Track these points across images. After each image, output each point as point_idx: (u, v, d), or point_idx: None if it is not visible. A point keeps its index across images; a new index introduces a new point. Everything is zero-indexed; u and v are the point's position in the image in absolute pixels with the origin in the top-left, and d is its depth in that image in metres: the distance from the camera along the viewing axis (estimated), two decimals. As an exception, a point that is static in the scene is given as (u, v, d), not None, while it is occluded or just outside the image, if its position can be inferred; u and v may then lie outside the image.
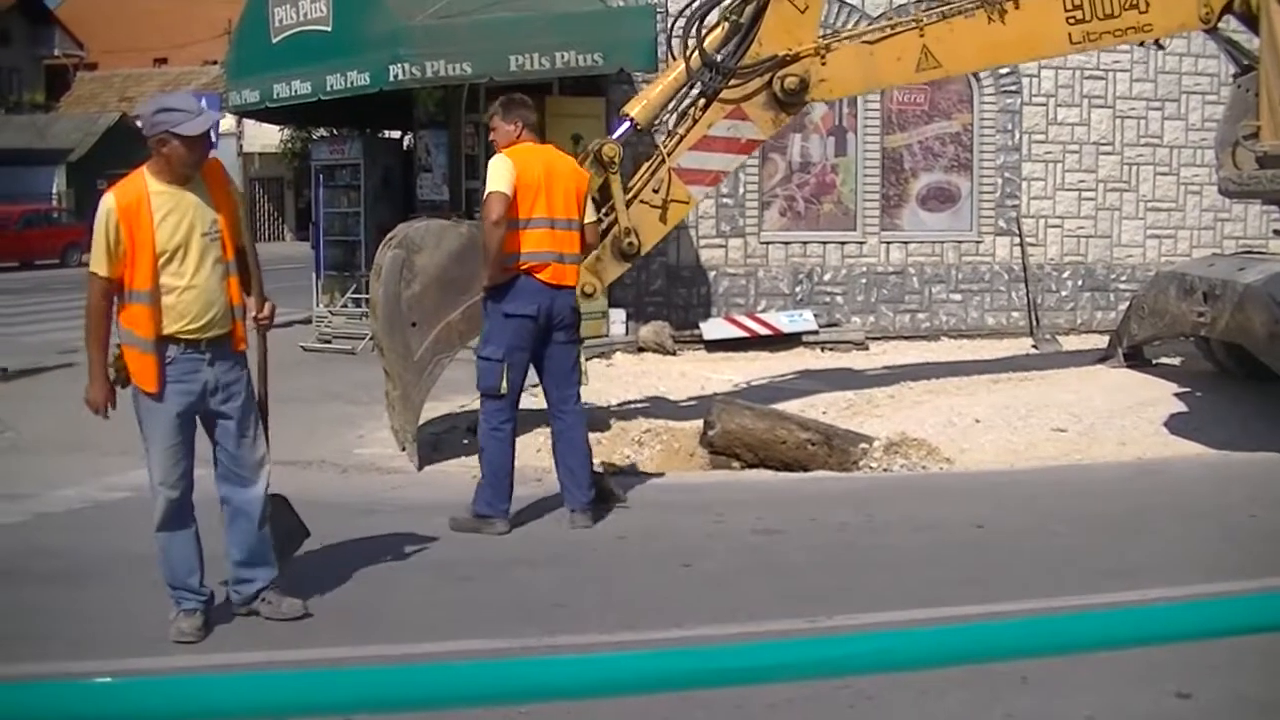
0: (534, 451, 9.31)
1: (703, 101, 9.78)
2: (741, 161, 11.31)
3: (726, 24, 9.79)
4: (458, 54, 13.38)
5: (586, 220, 7.74)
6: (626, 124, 9.72)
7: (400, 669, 1.96)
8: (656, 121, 9.94)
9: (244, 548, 5.91)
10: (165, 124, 5.54)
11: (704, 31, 9.70)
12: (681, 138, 9.74)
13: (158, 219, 5.56)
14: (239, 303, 5.85)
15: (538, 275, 7.43)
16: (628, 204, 9.53)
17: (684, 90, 9.87)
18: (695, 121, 9.74)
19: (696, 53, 9.60)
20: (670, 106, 9.91)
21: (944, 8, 9.89)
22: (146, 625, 5.73)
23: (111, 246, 5.54)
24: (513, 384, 7.50)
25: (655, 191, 9.65)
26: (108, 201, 5.58)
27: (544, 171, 7.47)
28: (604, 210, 9.40)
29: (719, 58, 9.63)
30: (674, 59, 10.03)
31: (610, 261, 9.67)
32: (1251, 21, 10.14)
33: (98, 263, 5.59)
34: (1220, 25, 10.47)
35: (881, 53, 9.85)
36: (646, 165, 9.81)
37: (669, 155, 9.68)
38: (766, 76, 9.60)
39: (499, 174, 7.32)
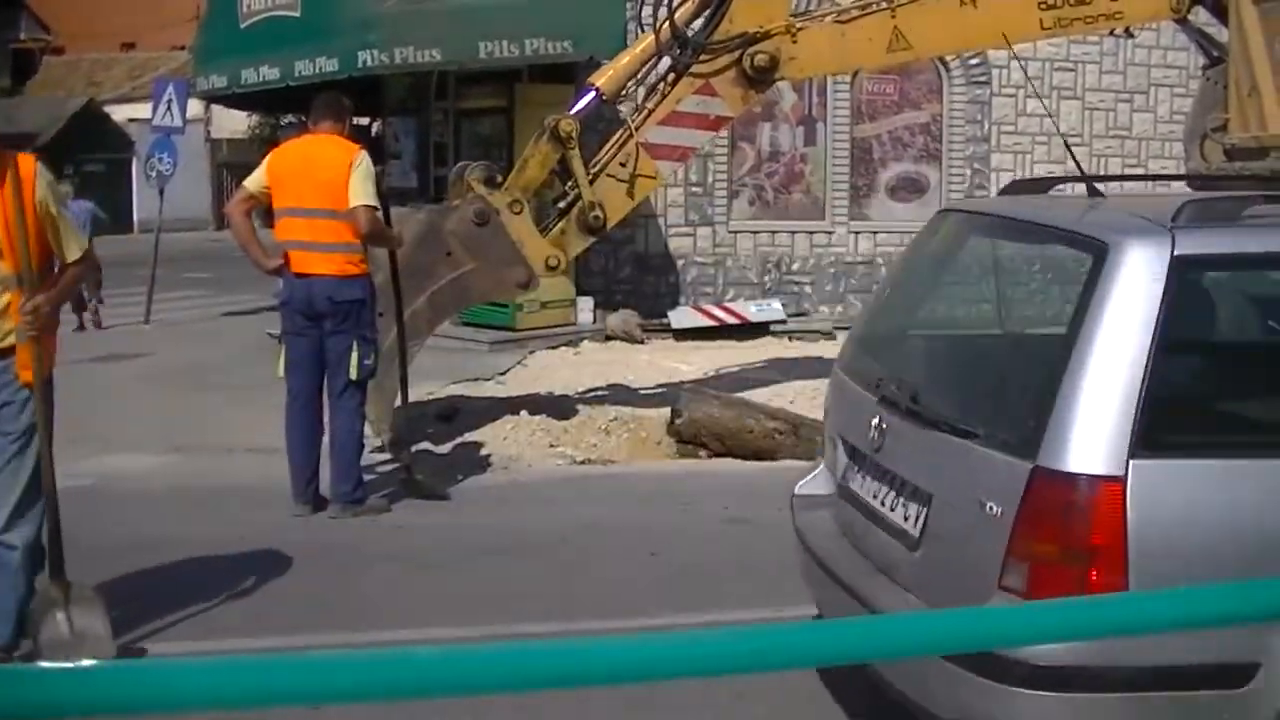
0: (500, 440, 9.28)
1: (672, 76, 9.71)
2: (710, 138, 11.24)
3: None
4: (427, 40, 13.31)
5: (355, 203, 7.59)
6: (591, 93, 9.59)
7: (361, 655, 1.93)
8: (623, 93, 9.85)
9: None
10: None
11: (675, 4, 9.63)
12: (650, 112, 9.67)
13: None
14: (16, 323, 5.00)
15: (290, 263, 7.71)
16: (593, 178, 9.43)
17: (652, 63, 9.79)
18: (664, 96, 9.68)
19: (667, 25, 9.53)
20: (639, 78, 9.84)
21: None
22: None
23: None
24: (290, 365, 7.74)
25: (623, 165, 9.54)
26: None
27: (300, 163, 7.77)
28: (568, 185, 9.36)
29: (690, 32, 9.57)
30: (643, 30, 9.95)
31: (575, 235, 9.55)
32: (1222, 13, 10.16)
33: None
34: (1191, 17, 10.50)
35: (853, 33, 9.82)
36: (614, 139, 9.72)
37: (637, 130, 9.60)
38: (737, 53, 9.52)
39: (254, 173, 8.05)
